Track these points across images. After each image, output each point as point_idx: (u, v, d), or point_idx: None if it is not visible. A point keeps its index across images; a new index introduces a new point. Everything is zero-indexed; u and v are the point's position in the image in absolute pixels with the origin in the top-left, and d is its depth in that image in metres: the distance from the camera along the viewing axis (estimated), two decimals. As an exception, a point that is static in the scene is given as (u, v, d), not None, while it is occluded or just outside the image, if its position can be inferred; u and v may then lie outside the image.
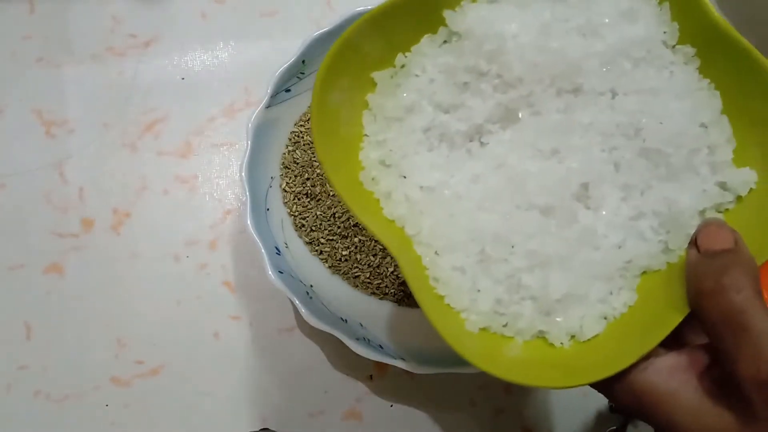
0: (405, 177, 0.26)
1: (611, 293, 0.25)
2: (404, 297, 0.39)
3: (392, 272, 0.39)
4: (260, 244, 0.36)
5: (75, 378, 0.40)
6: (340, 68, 0.25)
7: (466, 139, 0.26)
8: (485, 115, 0.26)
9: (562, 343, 0.25)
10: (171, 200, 0.43)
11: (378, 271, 0.39)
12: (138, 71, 0.46)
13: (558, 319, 0.25)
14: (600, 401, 0.40)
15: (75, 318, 0.41)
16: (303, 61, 0.39)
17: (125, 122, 0.45)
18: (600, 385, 0.23)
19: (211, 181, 0.44)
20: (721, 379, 0.21)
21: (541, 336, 0.25)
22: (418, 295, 0.23)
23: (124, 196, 0.43)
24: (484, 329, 0.25)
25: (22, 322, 0.41)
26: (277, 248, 0.38)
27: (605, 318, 0.25)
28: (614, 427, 0.38)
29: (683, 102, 0.25)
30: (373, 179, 0.26)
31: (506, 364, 0.24)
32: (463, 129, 0.26)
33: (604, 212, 0.25)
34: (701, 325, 0.22)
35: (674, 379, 0.22)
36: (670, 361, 0.22)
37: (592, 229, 0.25)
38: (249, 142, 0.37)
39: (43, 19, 0.47)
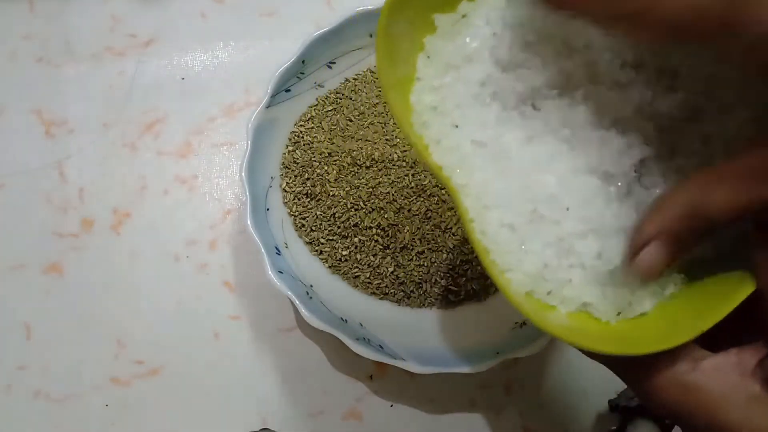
0: (457, 126, 0.25)
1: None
2: (404, 297, 0.39)
3: (392, 272, 0.39)
4: (260, 244, 0.36)
5: (75, 378, 0.40)
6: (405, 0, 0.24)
7: (519, 101, 0.25)
8: (544, 79, 0.24)
9: (608, 319, 0.23)
10: (171, 200, 0.43)
11: (378, 271, 0.39)
12: (138, 71, 0.46)
13: (606, 292, 0.23)
14: (600, 401, 0.40)
15: (75, 318, 0.41)
16: (303, 61, 0.39)
17: (125, 122, 0.45)
18: (637, 383, 0.22)
19: (211, 181, 0.44)
20: None
21: (585, 309, 0.24)
22: (472, 237, 0.23)
23: (124, 196, 0.43)
24: (528, 294, 0.24)
25: (21, 322, 0.41)
26: (277, 248, 0.38)
27: (655, 296, 0.24)
28: (614, 427, 0.38)
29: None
30: (423, 123, 0.25)
31: (556, 327, 0.23)
32: (520, 90, 0.25)
33: (658, 191, 0.24)
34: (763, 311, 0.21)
35: (722, 381, 0.21)
36: (717, 361, 0.21)
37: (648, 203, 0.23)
38: (249, 142, 0.37)
39: (43, 19, 0.47)
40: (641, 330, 0.23)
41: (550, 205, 0.24)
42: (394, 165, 0.39)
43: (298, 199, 0.40)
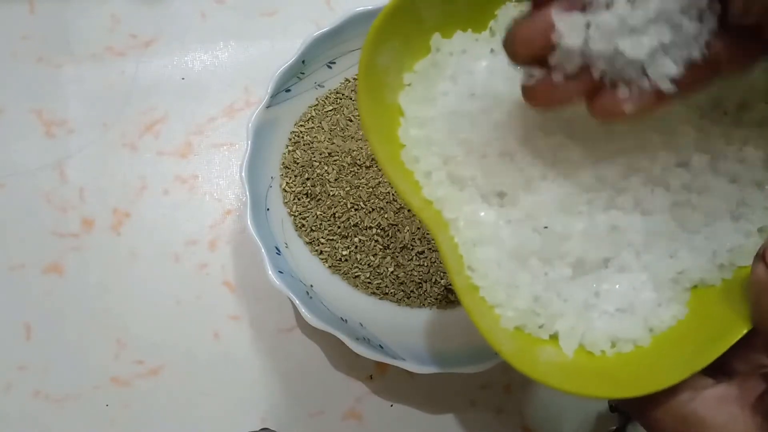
0: (445, 162, 0.24)
1: (659, 305, 0.24)
2: (404, 297, 0.39)
3: (392, 272, 0.39)
4: (260, 244, 0.36)
5: (75, 378, 0.40)
6: (393, 27, 0.23)
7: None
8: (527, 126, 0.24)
9: (603, 351, 0.23)
10: (171, 200, 0.43)
11: (378, 271, 0.39)
12: (138, 71, 0.46)
13: (599, 324, 0.23)
14: (600, 401, 0.40)
15: (75, 318, 0.41)
16: (303, 61, 0.39)
17: (125, 122, 0.45)
18: (639, 411, 0.22)
19: (211, 181, 0.44)
20: None
21: (579, 343, 0.23)
22: (455, 278, 0.22)
23: (124, 196, 0.43)
24: (518, 328, 0.23)
25: (21, 322, 0.41)
26: (277, 248, 0.38)
27: (651, 330, 0.23)
28: (614, 427, 0.38)
29: None
30: (414, 158, 0.24)
31: (542, 367, 0.22)
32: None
33: (656, 217, 0.24)
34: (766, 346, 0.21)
35: (723, 411, 0.21)
36: (719, 392, 0.21)
37: (648, 230, 0.23)
38: (249, 142, 0.37)
39: (43, 19, 0.47)
40: (637, 366, 0.23)
41: (544, 238, 0.23)
42: (394, 165, 0.39)
43: (298, 199, 0.40)
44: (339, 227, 0.39)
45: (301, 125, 0.41)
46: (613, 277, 0.24)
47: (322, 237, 0.40)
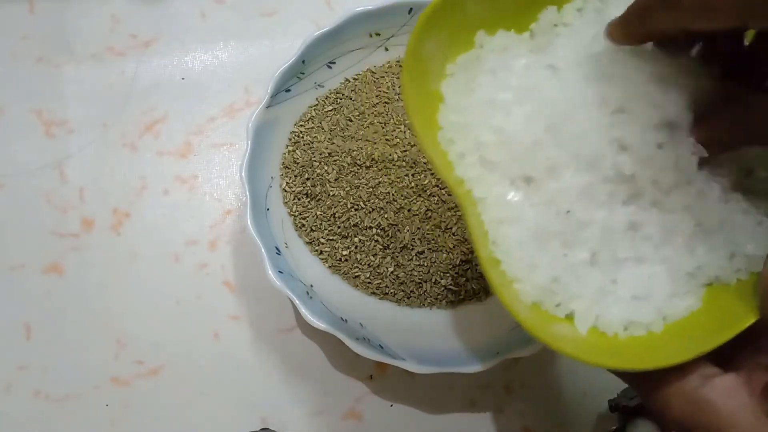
0: (478, 146, 0.26)
1: (674, 295, 0.24)
2: (404, 297, 0.39)
3: (392, 272, 0.39)
4: (260, 244, 0.36)
5: (75, 378, 0.40)
6: (440, 19, 0.25)
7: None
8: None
9: (616, 333, 0.24)
10: (171, 200, 0.43)
11: (378, 271, 0.39)
12: (138, 71, 0.46)
13: (614, 308, 0.24)
14: (600, 401, 0.40)
15: (75, 318, 0.41)
16: (303, 61, 0.39)
17: (125, 122, 0.45)
18: (648, 392, 0.23)
19: (211, 181, 0.44)
20: None
21: (593, 323, 0.24)
22: (480, 250, 0.24)
23: (124, 196, 0.43)
24: (536, 304, 0.24)
25: (21, 322, 0.41)
26: (277, 248, 0.38)
27: (665, 318, 0.24)
28: (614, 427, 0.38)
29: None
30: (449, 140, 0.26)
31: (558, 338, 0.23)
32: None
33: (675, 216, 0.24)
34: None
35: (732, 398, 0.21)
36: (728, 381, 0.22)
37: (666, 225, 0.24)
38: (249, 142, 0.37)
39: (43, 19, 0.47)
40: (648, 346, 0.23)
41: (566, 222, 0.24)
42: (394, 165, 0.39)
43: (298, 199, 0.40)
44: (339, 227, 0.39)
45: (301, 125, 0.41)
46: (630, 267, 0.25)
47: (322, 237, 0.40)
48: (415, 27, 0.24)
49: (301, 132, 0.41)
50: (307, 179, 0.40)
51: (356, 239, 0.39)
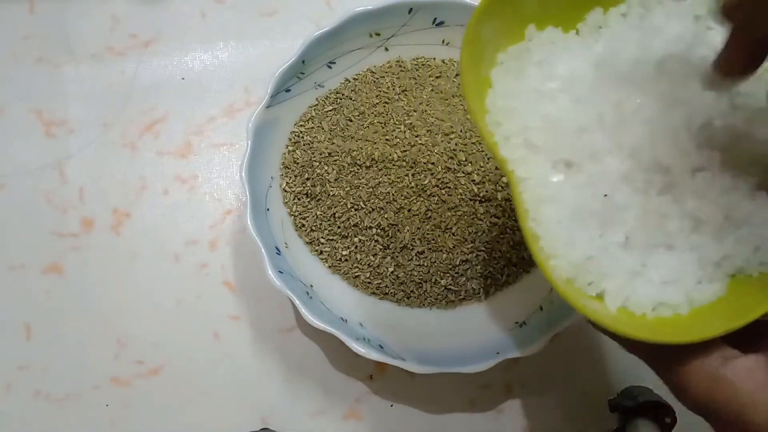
0: (524, 129, 0.27)
1: (701, 281, 0.26)
2: (404, 297, 0.39)
3: (392, 272, 0.39)
4: (260, 244, 0.36)
5: (75, 378, 0.40)
6: (497, 8, 0.27)
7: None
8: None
9: (644, 313, 0.25)
10: (171, 200, 0.43)
11: (378, 271, 0.39)
12: (138, 71, 0.46)
13: (643, 290, 0.25)
14: (600, 401, 0.40)
15: (75, 318, 0.41)
16: (303, 61, 0.39)
17: (125, 122, 0.45)
18: (668, 369, 0.24)
19: (211, 181, 0.44)
20: None
21: (623, 304, 0.26)
22: (524, 225, 0.25)
23: (124, 196, 0.43)
24: (569, 280, 0.25)
25: (21, 322, 0.41)
26: (277, 248, 0.38)
27: (691, 302, 0.25)
28: (614, 427, 0.38)
29: None
30: (496, 122, 0.27)
31: (589, 309, 0.25)
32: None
33: (706, 207, 0.26)
34: None
35: (752, 379, 0.22)
36: (748, 362, 0.23)
37: (697, 216, 0.25)
38: (249, 142, 0.37)
39: (43, 19, 0.47)
40: (674, 326, 0.25)
41: (603, 205, 0.26)
42: (394, 165, 0.39)
43: (298, 199, 0.40)
44: (339, 227, 0.39)
45: (301, 125, 0.41)
46: (661, 252, 0.26)
47: (322, 237, 0.40)
48: (475, 12, 0.26)
49: (301, 132, 0.41)
50: (307, 179, 0.40)
51: (356, 239, 0.39)
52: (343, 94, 0.42)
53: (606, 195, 0.26)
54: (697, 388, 0.23)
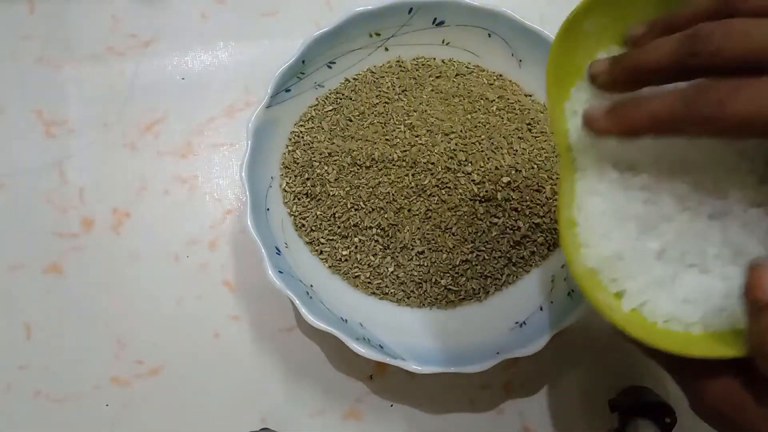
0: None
1: (724, 311, 0.25)
2: (404, 297, 0.39)
3: (392, 272, 0.39)
4: (260, 244, 0.36)
5: (75, 378, 0.40)
6: (606, 5, 0.27)
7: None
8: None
9: (655, 322, 0.25)
10: (171, 200, 0.43)
11: (378, 271, 0.39)
12: (138, 71, 0.46)
13: (663, 302, 0.26)
14: (600, 401, 0.40)
15: (75, 318, 0.41)
16: (303, 61, 0.39)
17: (125, 122, 0.45)
18: (687, 379, 0.24)
19: (211, 181, 0.44)
20: None
21: (639, 307, 0.26)
22: (562, 211, 0.26)
23: (124, 196, 0.43)
24: (593, 270, 0.26)
25: (21, 322, 0.41)
26: (277, 248, 0.38)
27: (706, 327, 0.25)
28: (614, 427, 0.38)
29: None
30: (574, 112, 0.28)
31: (601, 301, 0.25)
32: None
33: (753, 242, 0.26)
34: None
35: (765, 392, 0.22)
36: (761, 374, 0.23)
37: (739, 248, 0.25)
38: (249, 142, 0.37)
39: (43, 19, 0.47)
40: (684, 341, 0.25)
41: (648, 211, 0.26)
42: (394, 165, 0.39)
43: (298, 199, 0.40)
44: (339, 227, 0.39)
45: (301, 125, 0.41)
46: (694, 272, 0.26)
47: (322, 237, 0.40)
48: (583, 3, 0.27)
49: (301, 132, 0.41)
50: (307, 179, 0.40)
51: (356, 239, 0.39)
52: (343, 94, 0.42)
53: (654, 202, 0.26)
54: (713, 398, 0.23)
